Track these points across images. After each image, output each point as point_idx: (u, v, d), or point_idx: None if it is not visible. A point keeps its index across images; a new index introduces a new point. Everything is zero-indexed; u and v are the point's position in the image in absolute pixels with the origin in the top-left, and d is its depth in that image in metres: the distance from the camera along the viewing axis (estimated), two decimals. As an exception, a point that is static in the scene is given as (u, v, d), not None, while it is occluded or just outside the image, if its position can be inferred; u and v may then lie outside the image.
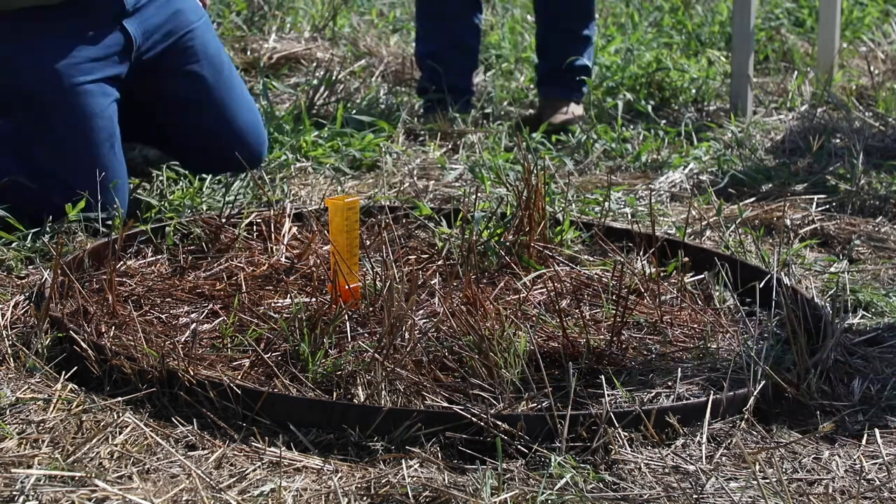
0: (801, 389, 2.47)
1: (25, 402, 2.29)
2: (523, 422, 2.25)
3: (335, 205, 2.74)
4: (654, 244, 3.06)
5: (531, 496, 2.09)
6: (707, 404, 2.34)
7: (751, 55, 4.64)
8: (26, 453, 2.13)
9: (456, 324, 2.57)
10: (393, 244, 3.08)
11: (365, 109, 4.27)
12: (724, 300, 2.90)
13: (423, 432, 2.24)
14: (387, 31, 5.60)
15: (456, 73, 4.50)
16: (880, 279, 3.18)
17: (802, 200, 3.68)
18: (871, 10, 6.05)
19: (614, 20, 5.87)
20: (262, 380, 2.44)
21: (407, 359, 2.45)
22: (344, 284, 2.71)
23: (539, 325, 2.68)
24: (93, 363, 2.42)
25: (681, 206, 3.66)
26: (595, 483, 2.15)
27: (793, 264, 3.16)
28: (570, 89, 4.51)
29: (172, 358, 2.40)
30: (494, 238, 3.10)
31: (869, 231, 3.48)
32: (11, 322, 2.63)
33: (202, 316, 2.71)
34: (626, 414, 2.29)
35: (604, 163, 4.06)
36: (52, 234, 3.10)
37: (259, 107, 4.08)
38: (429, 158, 3.99)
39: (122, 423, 2.25)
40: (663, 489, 2.14)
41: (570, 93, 4.49)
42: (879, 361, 2.69)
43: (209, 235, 3.11)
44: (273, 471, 2.15)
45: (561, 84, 4.50)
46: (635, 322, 2.75)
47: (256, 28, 5.38)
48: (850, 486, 2.19)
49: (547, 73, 4.53)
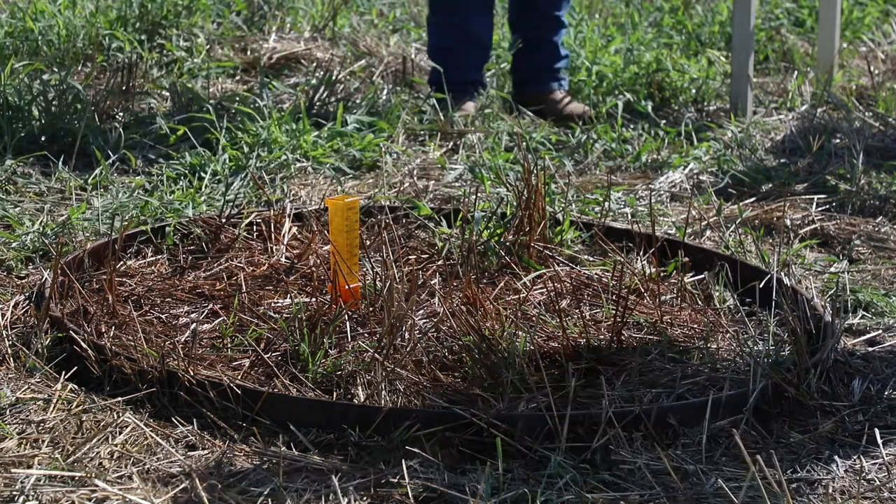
0: (801, 389, 2.46)
1: (25, 402, 2.29)
2: (523, 422, 2.25)
3: (335, 205, 2.74)
4: (654, 244, 3.06)
5: (531, 496, 2.09)
6: (707, 404, 2.34)
7: (751, 55, 4.64)
8: (26, 453, 2.13)
9: (456, 324, 2.57)
10: (393, 244, 3.08)
11: (365, 109, 4.27)
12: (724, 300, 2.90)
13: (423, 432, 2.24)
14: (387, 31, 5.59)
15: (469, 67, 4.54)
16: (880, 279, 3.18)
17: (802, 200, 3.68)
18: (871, 10, 6.05)
19: (614, 20, 5.87)
20: (262, 380, 2.44)
21: (407, 359, 2.45)
22: (344, 284, 2.71)
23: (539, 325, 2.68)
24: (93, 363, 2.42)
25: (681, 206, 3.66)
26: (595, 483, 2.15)
27: (793, 264, 3.16)
28: (558, 79, 4.62)
29: (172, 358, 2.40)
30: (494, 238, 3.10)
31: (869, 231, 3.48)
32: (11, 322, 2.63)
33: (202, 316, 2.71)
34: (626, 414, 2.29)
35: (604, 163, 4.06)
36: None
37: (259, 106, 4.09)
38: (429, 158, 3.99)
39: (122, 423, 2.25)
40: (663, 489, 2.14)
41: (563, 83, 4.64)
42: (879, 361, 2.69)
43: (209, 235, 3.11)
44: (273, 471, 2.15)
45: (549, 76, 4.61)
46: (635, 322, 2.75)
47: (256, 28, 5.37)
48: (850, 486, 2.19)
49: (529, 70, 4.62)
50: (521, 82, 4.66)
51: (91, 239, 3.10)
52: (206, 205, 3.39)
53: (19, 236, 3.08)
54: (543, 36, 4.61)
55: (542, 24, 4.62)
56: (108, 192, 3.51)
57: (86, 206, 3.32)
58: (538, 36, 4.61)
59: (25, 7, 4.95)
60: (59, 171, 3.61)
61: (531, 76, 4.62)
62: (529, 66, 4.63)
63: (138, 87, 4.36)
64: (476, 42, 4.55)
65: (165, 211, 3.32)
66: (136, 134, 3.96)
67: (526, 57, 4.63)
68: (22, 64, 4.33)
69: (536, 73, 4.61)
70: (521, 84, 4.66)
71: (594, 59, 4.86)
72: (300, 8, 5.59)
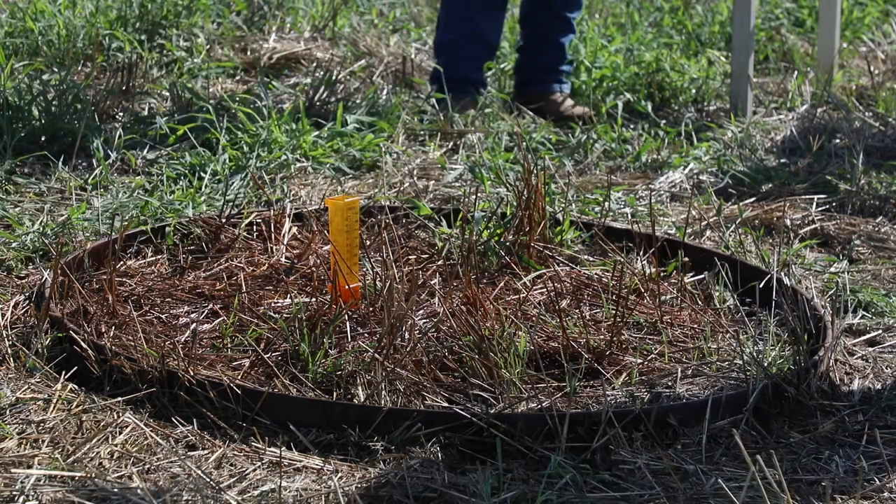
0: (801, 389, 2.46)
1: (25, 402, 2.29)
2: (523, 422, 2.25)
3: (335, 205, 2.74)
4: (654, 244, 3.06)
5: (531, 496, 2.09)
6: (707, 404, 2.34)
7: (751, 55, 4.63)
8: (26, 453, 2.13)
9: (456, 324, 2.57)
10: (393, 244, 3.08)
11: (365, 109, 4.27)
12: (724, 300, 2.90)
13: (423, 432, 2.24)
14: (387, 32, 5.59)
15: (471, 66, 4.54)
16: (880, 279, 3.18)
17: (802, 200, 3.68)
18: (871, 10, 6.04)
19: (614, 20, 5.87)
20: (262, 380, 2.44)
21: (407, 359, 2.45)
22: (344, 284, 2.71)
23: (539, 325, 2.68)
24: (93, 363, 2.42)
25: (681, 206, 3.66)
26: (595, 483, 2.15)
27: (793, 264, 3.16)
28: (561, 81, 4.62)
29: (172, 358, 2.40)
30: (494, 238, 3.10)
31: (869, 231, 3.48)
32: (11, 322, 2.63)
33: (202, 316, 2.71)
34: (626, 414, 2.29)
35: (604, 163, 4.06)
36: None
37: (259, 106, 4.08)
38: (429, 158, 3.98)
39: (122, 423, 2.25)
40: (663, 489, 2.14)
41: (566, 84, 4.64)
42: (879, 361, 2.69)
43: (209, 235, 3.11)
44: (273, 471, 2.15)
45: (552, 77, 4.61)
46: (635, 322, 2.75)
47: (256, 28, 5.37)
48: (850, 486, 2.19)
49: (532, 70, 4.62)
50: (523, 82, 4.66)
51: (91, 239, 3.10)
52: (206, 205, 3.39)
53: (19, 236, 3.08)
54: (551, 35, 4.61)
55: (553, 24, 4.61)
56: (108, 192, 3.51)
57: (86, 206, 3.31)
58: (546, 34, 4.61)
59: (25, 7, 4.95)
60: (59, 171, 3.61)
61: (534, 76, 4.62)
62: (533, 66, 4.63)
63: (138, 87, 4.35)
64: (483, 41, 4.55)
65: (165, 211, 3.32)
66: (136, 134, 3.96)
67: (530, 57, 4.63)
68: (22, 64, 4.33)
69: (539, 74, 4.61)
70: (524, 84, 4.66)
71: (594, 59, 4.86)
72: (300, 8, 5.59)
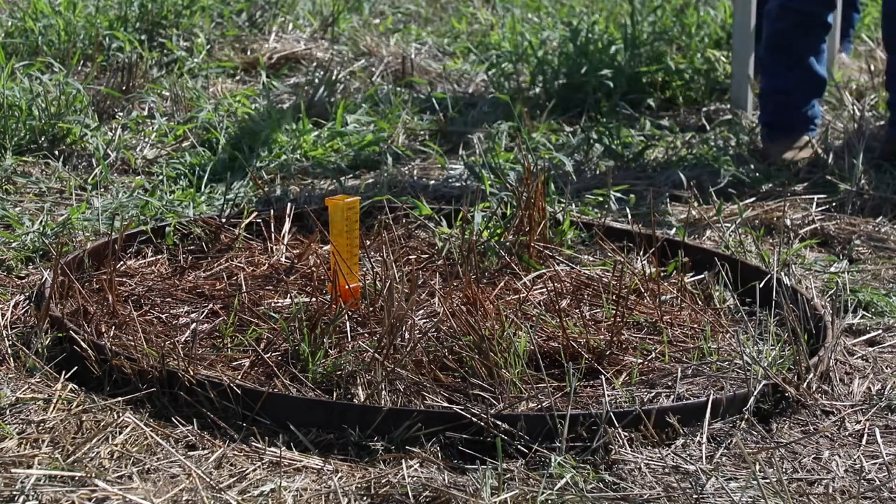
0: (801, 389, 2.47)
1: (25, 402, 2.29)
2: (523, 422, 2.25)
3: (335, 205, 2.74)
4: (654, 244, 3.06)
5: (531, 496, 2.09)
6: (707, 404, 2.34)
7: (751, 55, 4.63)
8: (26, 453, 2.13)
9: (456, 324, 2.57)
10: (393, 244, 3.08)
11: (365, 109, 4.27)
12: (724, 300, 2.90)
13: (423, 432, 2.24)
14: (387, 32, 5.60)
15: (803, 107, 4.18)
16: (880, 279, 3.18)
17: (802, 200, 3.68)
18: (870, 10, 6.04)
19: (614, 20, 5.87)
20: (262, 380, 2.44)
21: (407, 359, 2.45)
22: (344, 284, 2.71)
23: (539, 325, 2.68)
24: (93, 363, 2.42)
25: (681, 206, 3.66)
26: (595, 483, 2.15)
27: (793, 264, 3.16)
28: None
29: (172, 358, 2.40)
30: (494, 238, 3.10)
31: (869, 231, 3.48)
32: (11, 322, 2.63)
33: (202, 316, 2.71)
34: (626, 414, 2.29)
35: (604, 163, 4.06)
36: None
37: (259, 106, 4.08)
38: (429, 158, 3.99)
39: (122, 423, 2.25)
40: (663, 489, 2.14)
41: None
42: (879, 361, 2.69)
43: (209, 235, 3.11)
44: (273, 471, 2.15)
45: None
46: (635, 322, 2.75)
47: (257, 28, 5.38)
48: (850, 486, 2.19)
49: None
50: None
51: (91, 239, 3.10)
52: (206, 205, 3.39)
53: (19, 236, 3.08)
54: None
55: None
56: (108, 191, 3.51)
57: (86, 206, 3.32)
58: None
59: (25, 7, 4.95)
60: (59, 171, 3.61)
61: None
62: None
63: (138, 87, 4.36)
64: (817, 83, 4.19)
65: (165, 211, 3.32)
66: (136, 134, 3.96)
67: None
68: (22, 64, 4.33)
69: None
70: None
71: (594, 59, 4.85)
72: (300, 8, 5.59)
